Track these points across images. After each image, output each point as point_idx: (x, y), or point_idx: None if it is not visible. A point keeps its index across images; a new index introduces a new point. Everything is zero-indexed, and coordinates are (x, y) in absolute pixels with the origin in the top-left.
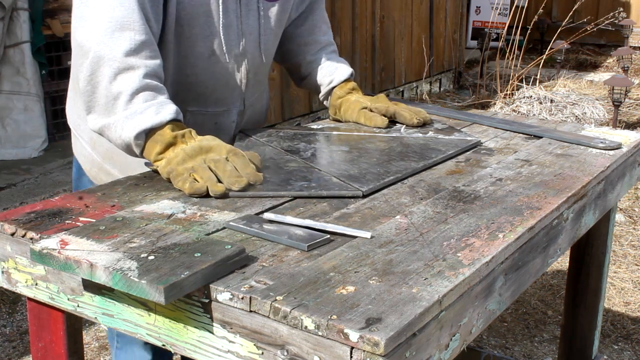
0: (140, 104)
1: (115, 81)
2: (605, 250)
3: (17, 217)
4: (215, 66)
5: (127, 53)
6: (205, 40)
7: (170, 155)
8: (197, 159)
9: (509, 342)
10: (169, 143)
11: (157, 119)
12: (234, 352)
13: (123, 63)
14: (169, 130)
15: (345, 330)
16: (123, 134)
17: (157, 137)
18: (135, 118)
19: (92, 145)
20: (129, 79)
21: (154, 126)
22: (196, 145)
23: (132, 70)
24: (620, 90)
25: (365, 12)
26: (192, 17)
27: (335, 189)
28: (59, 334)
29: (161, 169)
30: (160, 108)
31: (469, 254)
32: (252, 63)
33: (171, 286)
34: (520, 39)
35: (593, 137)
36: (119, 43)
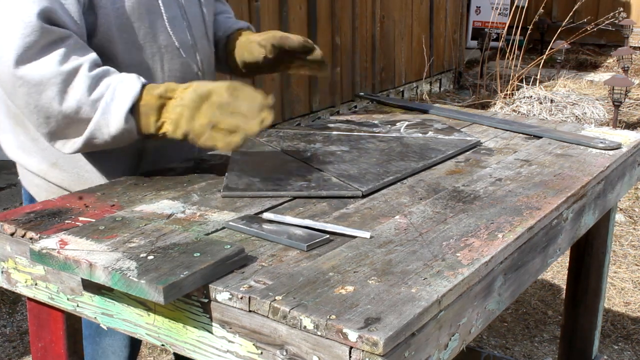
0: (106, 94)
1: (66, 95)
2: (605, 250)
3: (17, 217)
4: (170, 63)
5: (60, 63)
6: (154, 39)
7: (172, 116)
8: (204, 110)
9: (509, 342)
10: (159, 106)
11: (129, 94)
12: (233, 352)
13: (62, 74)
14: (149, 96)
15: (344, 330)
16: (111, 129)
17: (143, 109)
18: (111, 108)
19: (44, 176)
20: (78, 83)
21: (133, 102)
22: (193, 94)
23: (75, 74)
24: (620, 90)
25: (365, 12)
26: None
27: (334, 189)
28: (59, 333)
29: (172, 134)
30: (122, 84)
31: (468, 254)
32: (204, 53)
33: (170, 286)
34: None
35: (593, 137)
36: (47, 61)
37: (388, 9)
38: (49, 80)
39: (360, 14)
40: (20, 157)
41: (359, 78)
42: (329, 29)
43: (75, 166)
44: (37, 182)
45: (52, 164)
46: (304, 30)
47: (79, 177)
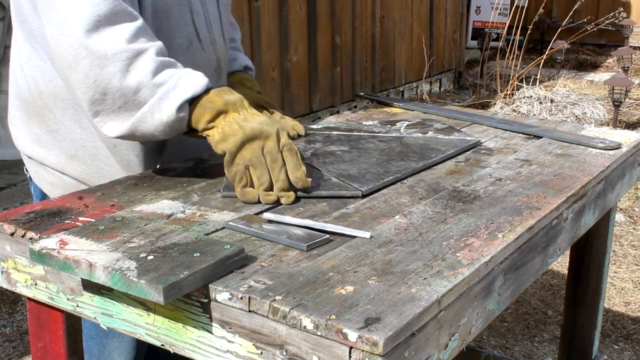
0: (169, 81)
1: (128, 74)
2: (605, 250)
3: (17, 217)
4: (194, 57)
5: (128, 41)
6: (182, 30)
7: (225, 128)
8: (255, 147)
9: (509, 342)
10: (219, 110)
11: (192, 86)
12: (233, 352)
13: (129, 52)
14: (218, 97)
15: (344, 330)
16: (163, 115)
17: (205, 103)
18: (170, 95)
19: (62, 169)
20: (142, 64)
21: (195, 94)
22: (256, 126)
23: (141, 54)
24: (620, 90)
25: (365, 12)
26: (168, 7)
27: (334, 189)
28: (59, 333)
29: (214, 142)
30: (188, 76)
31: (468, 254)
32: (221, 52)
33: (170, 286)
34: (521, 39)
35: (593, 137)
36: (116, 35)
37: (388, 9)
38: (114, 56)
39: (360, 14)
40: (35, 150)
41: (359, 78)
42: (329, 29)
43: (95, 159)
44: (51, 179)
45: (71, 157)
46: (304, 30)
47: (98, 169)
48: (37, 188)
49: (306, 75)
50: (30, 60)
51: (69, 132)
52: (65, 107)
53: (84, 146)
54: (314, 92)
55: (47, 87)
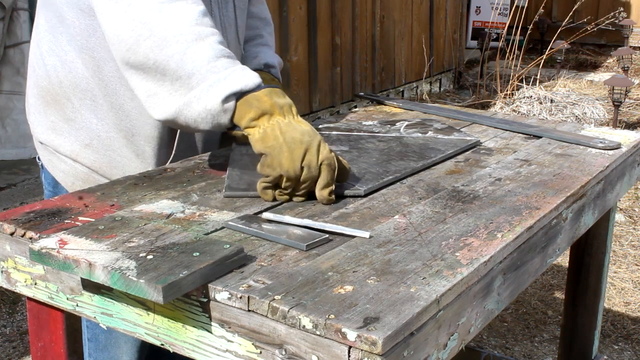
0: (222, 71)
1: (186, 56)
2: (605, 250)
3: (17, 217)
4: None
5: (191, 23)
6: None
7: (268, 131)
8: (294, 157)
9: (509, 342)
10: (265, 110)
11: (244, 81)
12: (233, 352)
13: (191, 34)
14: (267, 97)
15: (343, 330)
16: (208, 103)
17: (252, 100)
18: (220, 84)
19: (75, 157)
20: (203, 49)
21: (244, 89)
22: (297, 135)
23: (202, 40)
24: (620, 90)
25: (365, 12)
26: None
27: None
28: (59, 333)
29: (253, 141)
30: (244, 72)
31: (467, 254)
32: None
33: (169, 285)
34: (521, 39)
35: (592, 137)
36: (178, 15)
37: (388, 9)
38: (174, 37)
39: (360, 14)
40: (51, 138)
41: (359, 78)
42: (329, 29)
43: (108, 149)
44: (64, 167)
45: (86, 145)
46: (304, 30)
47: (110, 160)
48: (49, 175)
49: (306, 75)
50: (51, 50)
51: (85, 121)
52: (84, 97)
53: (98, 136)
54: (314, 92)
55: (67, 77)
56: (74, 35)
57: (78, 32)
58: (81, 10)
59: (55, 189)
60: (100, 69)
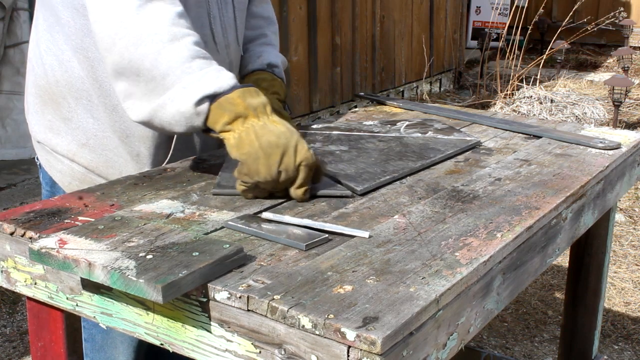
0: (196, 72)
1: (160, 56)
2: (605, 250)
3: (16, 217)
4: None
5: (167, 23)
6: (198, 32)
7: (242, 135)
8: (271, 163)
9: (509, 342)
10: (239, 114)
11: (218, 83)
12: (232, 351)
13: (166, 34)
14: (240, 100)
15: (342, 329)
16: (181, 105)
17: (225, 104)
18: (194, 86)
19: (72, 157)
20: (177, 49)
21: (217, 92)
22: (273, 139)
23: (177, 40)
24: (620, 90)
25: (365, 12)
26: (186, 8)
27: (324, 188)
28: (59, 333)
29: (228, 146)
30: (219, 73)
31: (466, 254)
32: (234, 56)
33: (169, 285)
34: (521, 39)
35: (592, 137)
36: (155, 15)
37: (388, 9)
38: (149, 36)
39: (360, 14)
40: (48, 137)
41: (359, 78)
42: (329, 29)
43: (104, 149)
44: (60, 167)
45: (82, 145)
46: (304, 30)
47: (107, 159)
48: (46, 175)
49: (306, 75)
50: (49, 50)
51: (82, 121)
52: (80, 97)
53: (95, 136)
54: (314, 92)
55: (64, 77)
56: (69, 34)
57: (73, 31)
58: (76, 9)
59: (52, 188)
60: (94, 69)
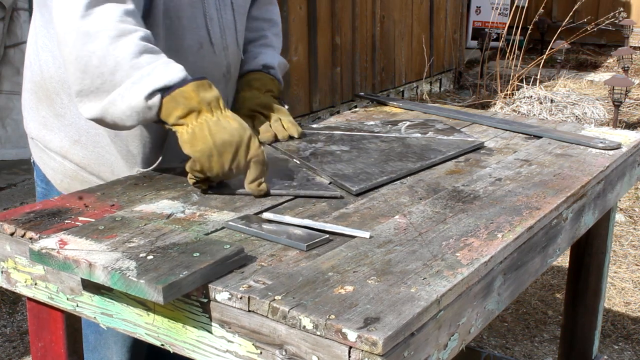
0: (145, 67)
1: (107, 53)
2: (605, 250)
3: (17, 217)
4: (204, 60)
5: (115, 20)
6: (193, 32)
7: (196, 131)
8: (223, 160)
9: (509, 342)
10: (192, 108)
11: (167, 76)
12: (233, 352)
13: (113, 30)
14: (194, 93)
15: (343, 330)
16: (131, 100)
17: (178, 97)
18: (143, 80)
19: (64, 154)
20: (124, 45)
21: (168, 84)
22: (226, 138)
23: (124, 36)
24: (620, 90)
25: (365, 12)
26: (179, 7)
27: (314, 189)
28: (59, 333)
29: (181, 141)
30: (168, 66)
31: (467, 254)
32: (233, 58)
33: (170, 286)
34: (521, 39)
35: (593, 137)
36: (103, 14)
37: (388, 9)
38: (97, 33)
39: (360, 14)
40: (41, 133)
41: (359, 78)
42: (329, 29)
43: (96, 146)
44: (53, 164)
45: (75, 141)
46: (304, 30)
47: (99, 156)
48: (40, 172)
49: (306, 75)
50: (45, 45)
51: (74, 117)
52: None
53: (87, 132)
54: (314, 92)
55: (57, 72)
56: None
57: None
58: None
59: (47, 186)
60: None
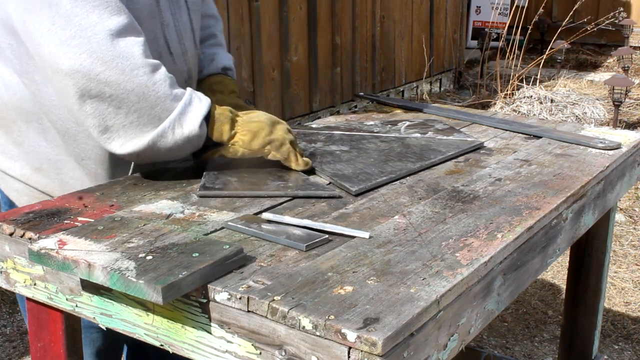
0: (185, 97)
1: (148, 90)
2: (605, 250)
3: (16, 217)
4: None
5: (143, 56)
6: (152, 43)
7: (248, 128)
8: (280, 127)
9: (509, 342)
10: (232, 118)
11: (205, 101)
12: (232, 352)
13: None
14: (222, 108)
15: (342, 330)
16: (184, 130)
17: (219, 117)
18: (188, 110)
19: (26, 181)
20: (159, 79)
21: (209, 109)
22: (265, 116)
23: (157, 70)
24: (620, 90)
25: (365, 12)
26: (140, 20)
27: (311, 189)
28: (58, 334)
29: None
30: (196, 94)
31: (467, 254)
32: (192, 62)
33: (169, 286)
34: (521, 38)
35: (592, 137)
36: (131, 51)
37: (388, 9)
38: (132, 71)
39: (360, 14)
40: (0, 161)
41: (359, 78)
42: (329, 29)
43: (59, 172)
44: (17, 186)
45: (36, 169)
46: (304, 30)
47: (62, 183)
48: (4, 196)
49: (306, 75)
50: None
51: (34, 144)
52: (30, 120)
53: (48, 159)
54: (314, 92)
55: (12, 100)
56: (11, 58)
57: (16, 54)
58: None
59: (12, 207)
60: (41, 92)
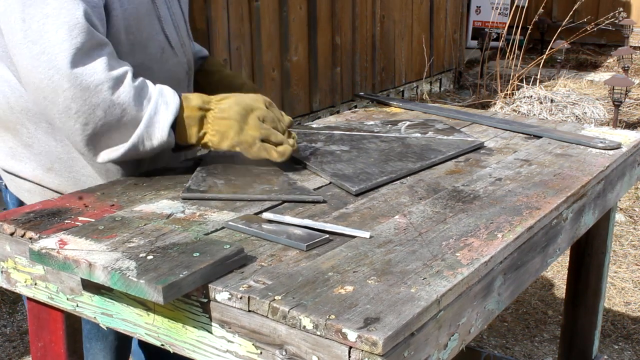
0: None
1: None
2: (605, 250)
3: (17, 217)
4: (167, 64)
5: (107, 69)
6: (154, 40)
7: (217, 128)
8: (251, 123)
9: (509, 342)
10: (199, 117)
11: (171, 108)
12: (233, 352)
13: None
14: (189, 109)
15: (343, 330)
16: (153, 142)
17: (186, 121)
18: (155, 121)
19: (39, 182)
20: (124, 92)
21: (175, 115)
22: (237, 107)
23: (121, 82)
24: (620, 90)
25: (365, 12)
26: (138, 20)
27: (296, 194)
28: (59, 333)
29: (216, 145)
30: (162, 97)
31: (467, 254)
32: (189, 53)
33: (170, 286)
34: (521, 38)
35: (593, 137)
36: (96, 66)
37: (388, 9)
38: (96, 87)
39: (360, 14)
40: (10, 164)
41: (359, 78)
42: (329, 29)
43: (71, 170)
44: (29, 186)
45: (48, 169)
46: (304, 30)
47: (75, 181)
48: (13, 196)
49: (306, 75)
50: (1, 76)
51: (44, 145)
52: (38, 120)
53: (59, 158)
54: (314, 92)
55: (18, 102)
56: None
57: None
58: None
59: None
60: None
